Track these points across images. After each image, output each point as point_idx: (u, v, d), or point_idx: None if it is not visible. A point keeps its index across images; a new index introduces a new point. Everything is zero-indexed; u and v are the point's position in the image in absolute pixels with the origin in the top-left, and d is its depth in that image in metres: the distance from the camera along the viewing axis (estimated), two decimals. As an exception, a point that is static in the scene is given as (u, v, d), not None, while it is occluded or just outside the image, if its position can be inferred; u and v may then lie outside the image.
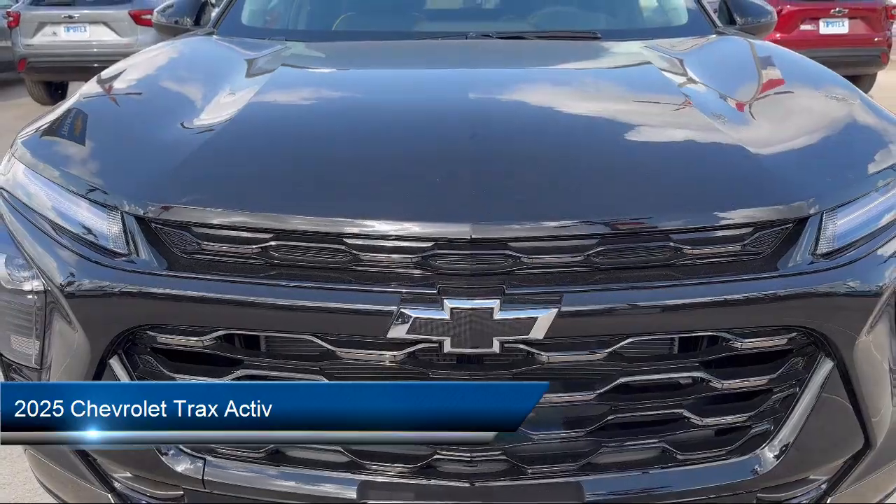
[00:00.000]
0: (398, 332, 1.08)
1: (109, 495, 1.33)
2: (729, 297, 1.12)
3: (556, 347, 1.11)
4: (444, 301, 1.06)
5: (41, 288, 1.30)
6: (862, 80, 9.26)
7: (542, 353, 1.10)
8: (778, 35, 8.69)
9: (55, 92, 9.32)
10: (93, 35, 8.68)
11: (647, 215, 1.14)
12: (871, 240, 1.23)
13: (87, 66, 8.78)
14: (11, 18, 8.86)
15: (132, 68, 1.85)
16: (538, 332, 1.06)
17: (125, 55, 8.29)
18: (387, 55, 2.06)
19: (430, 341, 1.08)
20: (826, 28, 8.66)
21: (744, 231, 1.16)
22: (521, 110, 1.50)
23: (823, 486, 1.31)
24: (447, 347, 1.07)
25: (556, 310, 1.06)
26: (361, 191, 1.19)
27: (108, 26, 8.66)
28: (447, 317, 1.05)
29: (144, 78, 1.80)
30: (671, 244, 1.13)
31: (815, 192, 1.20)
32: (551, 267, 1.12)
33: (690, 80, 1.66)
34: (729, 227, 1.15)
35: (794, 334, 1.16)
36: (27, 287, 1.33)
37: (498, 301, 1.06)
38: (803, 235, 1.18)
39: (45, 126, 1.52)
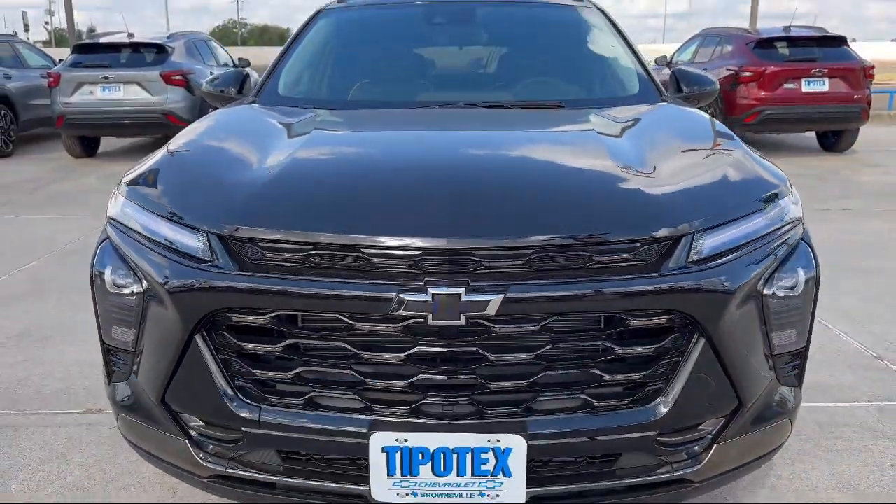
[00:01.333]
0: (397, 309, 1.57)
1: (186, 441, 1.81)
2: (623, 289, 1.61)
3: (504, 321, 1.60)
4: (428, 289, 1.56)
5: (140, 290, 1.80)
6: (846, 134, 9.83)
7: (494, 326, 1.59)
8: (763, 93, 9.31)
9: (88, 146, 10.01)
10: (126, 94, 9.39)
11: (567, 234, 1.64)
12: (730, 253, 1.72)
13: (119, 122, 9.51)
14: (52, 79, 9.59)
15: (203, 129, 2.40)
16: (491, 310, 1.56)
17: (156, 112, 9.08)
18: (394, 119, 2.61)
19: (419, 316, 1.58)
20: (808, 87, 9.24)
21: (636, 244, 1.66)
22: (487, 161, 2.02)
23: (710, 436, 1.78)
24: (430, 321, 1.57)
25: (503, 296, 1.56)
26: (372, 217, 1.70)
27: (141, 86, 9.37)
28: (429, 299, 1.55)
29: (212, 136, 2.34)
30: (584, 253, 1.63)
31: (688, 219, 1.70)
32: (501, 268, 1.61)
33: (617, 138, 2.18)
34: (625, 241, 1.65)
35: (671, 316, 1.65)
36: (127, 290, 1.84)
37: (464, 289, 1.55)
38: (680, 248, 1.67)
39: (144, 171, 2.05)
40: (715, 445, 1.77)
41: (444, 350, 1.60)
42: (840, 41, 9.76)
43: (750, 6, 16.90)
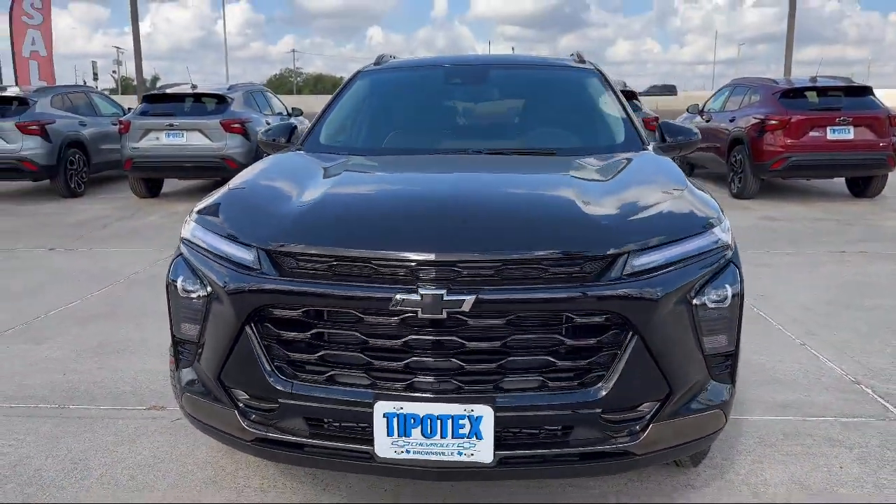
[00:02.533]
0: (395, 306, 2.06)
1: (235, 411, 2.32)
2: (570, 294, 2.07)
3: (476, 317, 2.07)
4: (419, 290, 2.05)
5: (205, 294, 2.33)
6: (874, 180, 10.06)
7: (468, 320, 2.07)
8: (789, 141, 9.64)
9: (152, 188, 10.87)
10: (189, 140, 10.22)
11: (527, 251, 2.11)
12: (660, 269, 2.16)
13: (181, 166, 10.35)
14: (122, 126, 10.51)
15: (257, 171, 2.96)
16: (465, 307, 2.03)
17: (215, 157, 9.91)
18: (412, 163, 3.14)
19: (411, 312, 2.06)
20: (833, 134, 9.55)
21: (581, 260, 2.12)
22: (473, 195, 2.53)
23: (647, 416, 2.21)
24: (420, 315, 2.05)
25: (475, 296, 2.04)
26: (379, 237, 2.20)
27: (203, 133, 10.20)
28: (419, 298, 2.04)
29: (264, 177, 2.89)
30: (541, 266, 2.10)
31: (625, 242, 2.16)
32: (475, 276, 2.09)
33: (587, 180, 2.66)
34: (572, 258, 2.12)
35: (609, 316, 2.10)
36: (195, 294, 2.37)
37: (445, 291, 2.04)
38: (617, 264, 2.13)
39: (210, 202, 2.61)
40: (652, 425, 2.19)
41: (431, 338, 2.09)
42: (865, 91, 10.06)
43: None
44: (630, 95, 10.61)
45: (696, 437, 2.32)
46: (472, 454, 2.08)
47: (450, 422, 2.07)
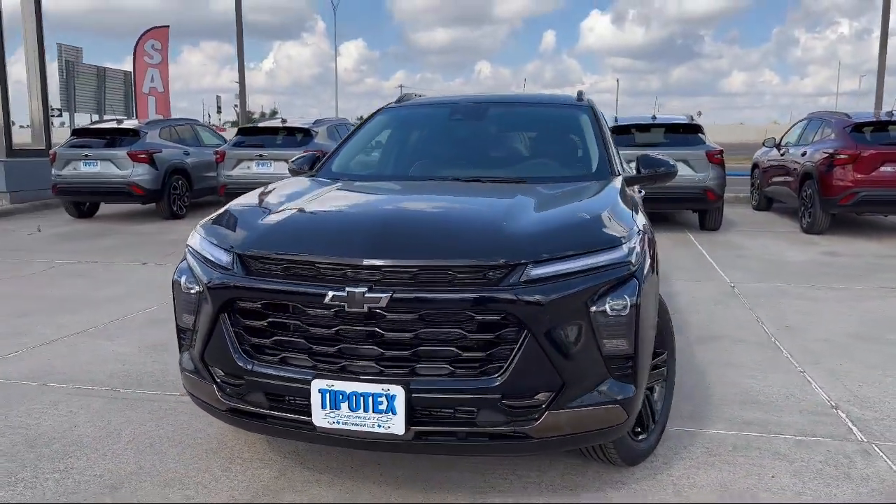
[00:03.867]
0: (328, 301, 2.53)
1: (213, 386, 2.84)
2: (472, 296, 2.47)
3: (391, 312, 2.50)
4: (346, 288, 2.50)
5: (199, 289, 2.88)
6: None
7: (386, 314, 2.50)
8: (858, 176, 9.49)
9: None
10: (276, 169, 11.13)
11: (440, 259, 2.53)
12: (554, 279, 2.52)
13: (268, 192, 11.24)
14: (218, 155, 11.58)
15: (259, 191, 3.52)
16: (382, 304, 2.47)
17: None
18: (386, 188, 3.63)
19: (340, 306, 2.52)
20: (905, 170, 9.30)
21: (484, 268, 2.51)
22: (413, 213, 2.99)
23: (543, 404, 2.55)
24: (346, 309, 2.51)
25: (390, 295, 2.47)
26: (321, 245, 2.68)
27: (287, 162, 11.07)
28: (345, 295, 2.50)
29: (260, 195, 3.45)
30: (450, 271, 2.51)
31: (524, 255, 2.53)
32: (393, 277, 2.52)
33: (526, 203, 3.02)
34: (478, 265, 2.51)
35: (505, 316, 2.48)
36: (192, 291, 2.92)
37: (366, 289, 2.48)
38: (515, 272, 2.51)
39: (212, 217, 3.18)
40: (547, 412, 2.54)
41: (356, 328, 2.54)
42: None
43: None
44: (695, 129, 10.71)
45: (595, 428, 2.64)
46: (389, 427, 2.50)
47: (371, 398, 2.50)
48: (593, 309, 2.56)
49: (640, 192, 5.22)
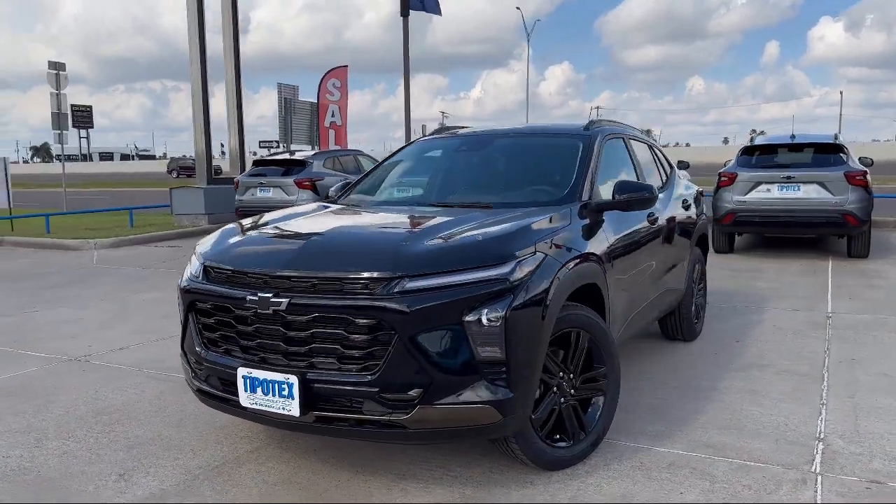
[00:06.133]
0: (248, 304, 3.11)
1: (190, 369, 3.54)
2: (352, 303, 2.92)
3: (291, 314, 3.01)
4: (259, 294, 3.08)
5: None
6: None
7: (286, 315, 3.03)
8: None
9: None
10: (274, 194, 11.96)
11: (332, 272, 3.01)
12: (428, 290, 2.89)
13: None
14: (234, 183, 12.51)
15: (265, 214, 4.22)
16: (283, 307, 3.01)
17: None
18: (357, 212, 4.17)
19: (254, 307, 3.08)
20: None
21: (364, 280, 2.95)
22: (336, 233, 3.47)
23: (416, 399, 2.93)
24: (258, 310, 3.08)
25: (289, 300, 3.01)
26: (251, 260, 3.27)
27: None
28: (258, 299, 3.07)
29: (257, 217, 4.11)
30: (339, 281, 2.98)
31: (403, 269, 2.94)
32: (294, 286, 3.04)
33: (455, 224, 3.38)
34: (360, 278, 2.96)
35: (379, 321, 2.89)
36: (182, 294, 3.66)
37: (271, 294, 3.04)
38: (392, 283, 2.92)
39: (212, 234, 3.91)
40: (419, 406, 2.91)
41: (268, 327, 3.10)
42: None
43: None
44: (836, 149, 10.02)
45: (468, 425, 2.97)
46: (289, 410, 3.03)
47: (276, 385, 3.05)
48: (468, 318, 2.90)
49: (696, 213, 5.29)
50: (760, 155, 10.38)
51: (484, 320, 2.90)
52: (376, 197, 4.62)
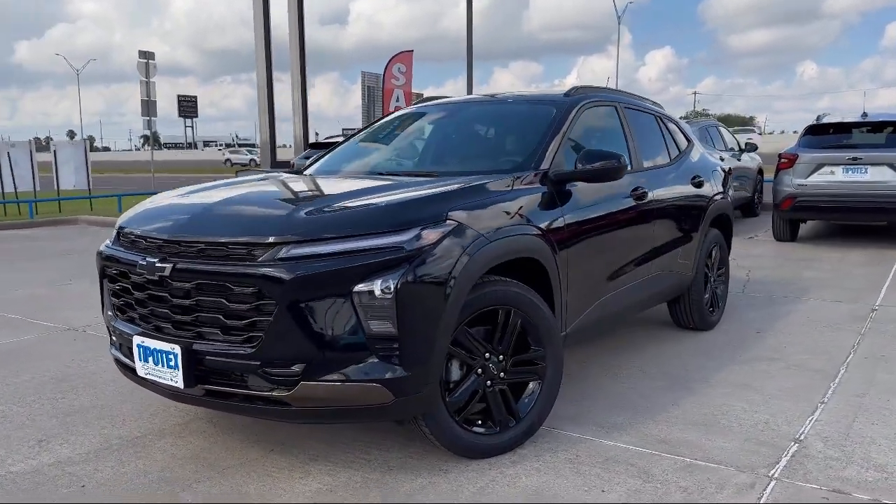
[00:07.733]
0: (138, 269, 2.97)
1: (110, 337, 3.45)
2: (234, 270, 2.71)
3: (175, 280, 2.84)
4: (146, 258, 2.93)
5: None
6: None
7: (172, 282, 2.87)
8: None
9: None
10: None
11: (217, 237, 2.81)
12: (315, 257, 2.65)
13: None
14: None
15: (212, 182, 4.09)
16: (167, 273, 2.85)
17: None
18: (293, 179, 3.92)
19: (144, 272, 2.94)
20: None
21: (248, 246, 2.74)
22: (230, 200, 3.19)
23: (298, 375, 2.71)
24: (146, 276, 2.94)
25: (173, 265, 2.84)
26: (149, 224, 3.12)
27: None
28: (145, 264, 2.92)
29: (198, 186, 3.98)
30: (225, 247, 2.78)
31: (288, 235, 2.71)
32: (182, 251, 2.87)
33: (351, 194, 3.18)
34: (243, 243, 2.75)
35: (259, 289, 2.67)
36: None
37: (158, 259, 2.88)
38: (275, 250, 2.69)
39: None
40: (301, 382, 2.69)
41: (155, 293, 2.94)
42: None
43: None
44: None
45: (357, 405, 2.72)
46: (176, 381, 2.88)
47: (163, 355, 2.90)
48: (356, 288, 2.65)
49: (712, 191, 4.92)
50: (827, 135, 9.53)
51: (377, 291, 2.64)
52: (330, 168, 4.42)
